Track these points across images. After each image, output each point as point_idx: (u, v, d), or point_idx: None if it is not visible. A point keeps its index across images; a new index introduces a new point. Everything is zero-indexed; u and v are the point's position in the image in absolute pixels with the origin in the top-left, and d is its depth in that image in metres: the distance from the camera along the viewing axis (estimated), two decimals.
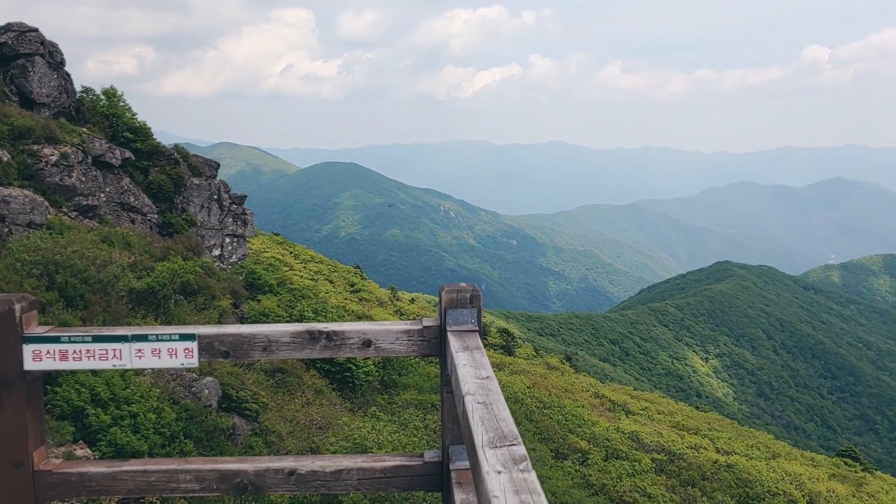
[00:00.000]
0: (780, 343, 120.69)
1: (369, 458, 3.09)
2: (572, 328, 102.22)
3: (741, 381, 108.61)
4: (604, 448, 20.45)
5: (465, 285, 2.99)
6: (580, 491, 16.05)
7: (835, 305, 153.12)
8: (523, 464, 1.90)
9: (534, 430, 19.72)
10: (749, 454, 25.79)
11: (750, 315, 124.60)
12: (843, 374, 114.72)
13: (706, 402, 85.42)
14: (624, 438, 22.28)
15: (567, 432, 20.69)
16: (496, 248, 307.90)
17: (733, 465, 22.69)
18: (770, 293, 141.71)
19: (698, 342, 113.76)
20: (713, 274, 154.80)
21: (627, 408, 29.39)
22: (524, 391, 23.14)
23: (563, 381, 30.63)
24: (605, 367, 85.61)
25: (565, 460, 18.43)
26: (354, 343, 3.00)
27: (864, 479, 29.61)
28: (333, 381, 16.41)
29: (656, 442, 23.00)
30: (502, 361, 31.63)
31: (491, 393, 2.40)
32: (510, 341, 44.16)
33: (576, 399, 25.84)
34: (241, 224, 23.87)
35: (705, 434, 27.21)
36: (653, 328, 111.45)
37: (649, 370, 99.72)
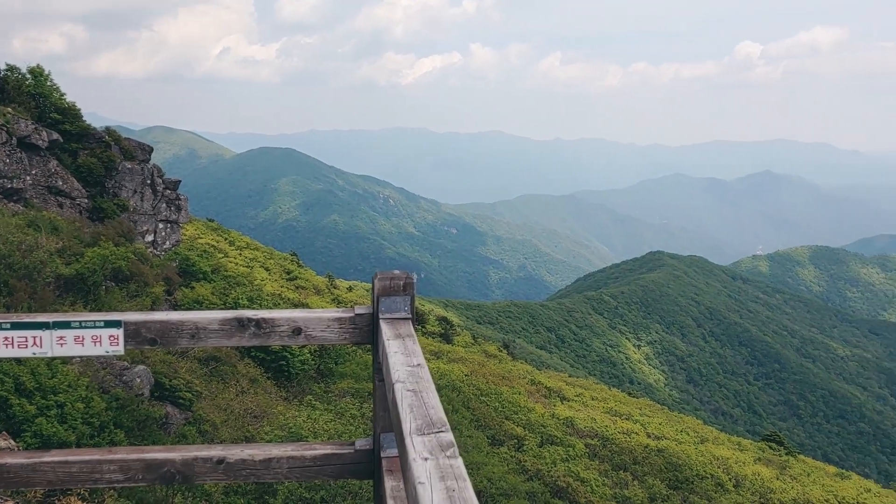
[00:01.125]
0: (709, 331, 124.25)
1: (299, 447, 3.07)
2: (510, 316, 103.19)
3: (672, 368, 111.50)
4: (539, 434, 20.74)
5: (399, 273, 2.98)
6: (516, 476, 16.24)
7: (761, 295, 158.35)
8: (450, 450, 1.93)
9: (471, 417, 19.86)
10: (679, 439, 26.52)
11: (681, 304, 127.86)
12: (769, 362, 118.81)
13: (638, 389, 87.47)
14: (559, 424, 22.64)
15: (503, 419, 20.91)
16: (436, 237, 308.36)
17: (664, 450, 23.30)
18: (700, 282, 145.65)
19: (631, 330, 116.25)
20: (646, 263, 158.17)
21: (563, 394, 29.85)
22: (462, 379, 23.27)
23: (501, 369, 30.93)
24: (542, 355, 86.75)
25: (501, 446, 18.62)
26: (284, 331, 2.96)
27: (787, 462, 30.77)
28: (269, 369, 16.23)
29: (590, 427, 23.46)
30: (441, 350, 31.75)
31: (421, 381, 2.41)
32: (449, 329, 44.34)
33: (512, 386, 26.12)
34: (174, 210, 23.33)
35: (637, 419, 27.86)
36: (588, 316, 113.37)
37: (584, 357, 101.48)
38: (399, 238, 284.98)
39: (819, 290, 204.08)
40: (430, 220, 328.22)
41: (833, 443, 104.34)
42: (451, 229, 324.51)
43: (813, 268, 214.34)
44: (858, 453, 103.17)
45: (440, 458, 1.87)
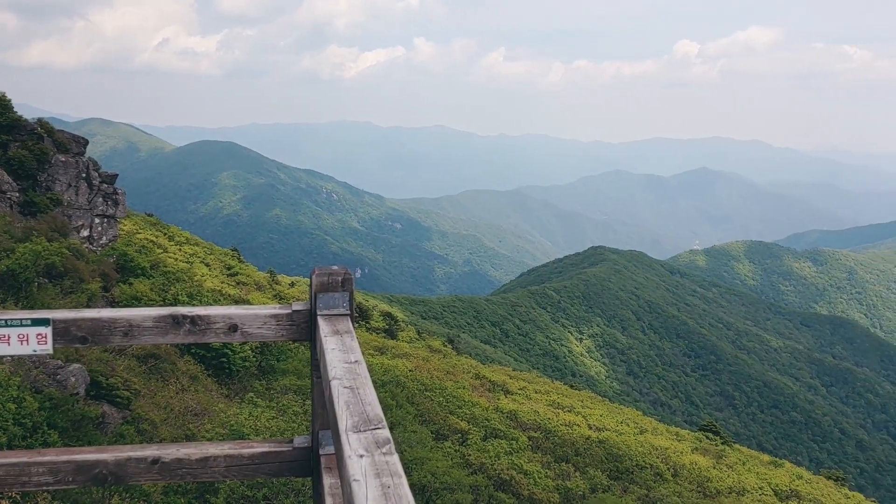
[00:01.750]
0: (648, 324, 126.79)
1: (237, 445, 3.02)
2: (455, 311, 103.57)
3: (612, 360, 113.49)
4: (483, 428, 20.87)
5: (338, 268, 2.96)
6: (460, 470, 16.32)
7: (698, 288, 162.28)
8: (386, 447, 1.93)
9: (415, 412, 19.87)
10: (619, 430, 26.99)
11: (621, 297, 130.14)
12: (705, 353, 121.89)
13: (580, 381, 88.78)
14: (502, 418, 22.82)
15: (448, 413, 20.98)
16: (380, 232, 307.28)
17: (604, 441, 23.70)
18: (640, 277, 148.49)
19: (573, 323, 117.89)
20: (588, 258, 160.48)
21: (506, 388, 30.09)
22: (406, 374, 23.27)
23: (445, 364, 31.01)
24: (487, 349, 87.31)
25: (446, 441, 18.68)
26: (220, 328, 2.91)
27: (723, 451, 31.63)
28: (209, 367, 15.97)
29: (533, 420, 23.70)
30: (385, 345, 31.68)
31: (358, 377, 2.40)
32: (393, 325, 44.28)
33: (457, 381, 26.21)
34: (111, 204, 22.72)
35: (579, 411, 28.26)
36: (532, 310, 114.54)
37: (528, 351, 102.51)
38: (343, 233, 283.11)
39: (753, 283, 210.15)
40: (374, 215, 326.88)
41: (767, 432, 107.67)
42: (395, 224, 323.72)
43: (748, 262, 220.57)
44: (791, 442, 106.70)
45: (376, 455, 1.87)
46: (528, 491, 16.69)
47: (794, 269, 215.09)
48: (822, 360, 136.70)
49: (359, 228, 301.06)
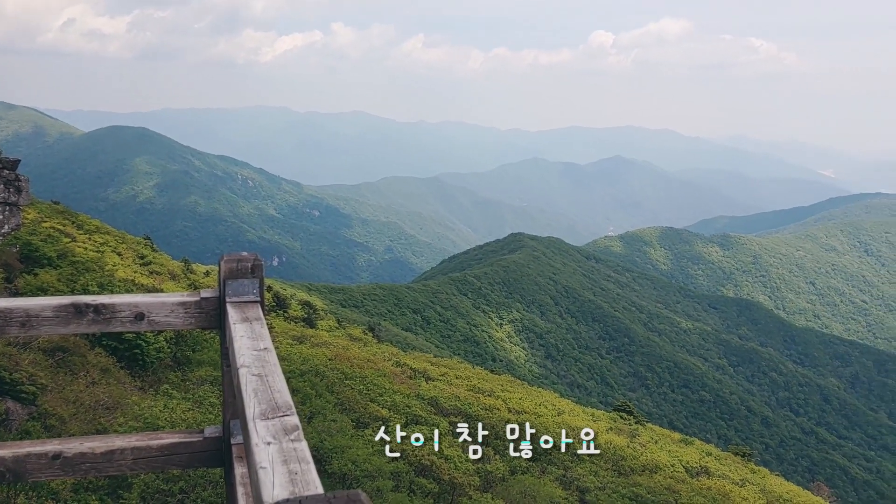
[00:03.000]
0: (565, 308, 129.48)
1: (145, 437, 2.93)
2: (375, 299, 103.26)
3: (532, 345, 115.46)
4: (404, 415, 20.92)
5: (247, 255, 2.89)
6: (380, 458, 16.33)
7: (613, 273, 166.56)
8: (295, 433, 1.92)
9: (335, 400, 19.75)
10: (538, 412, 27.51)
11: (540, 283, 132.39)
12: (620, 336, 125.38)
13: (501, 366, 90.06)
14: (423, 404, 22.93)
15: (368, 401, 20.92)
16: (298, 220, 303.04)
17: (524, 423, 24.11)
18: (557, 262, 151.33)
19: (494, 309, 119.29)
20: (508, 245, 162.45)
21: (427, 374, 30.23)
22: (326, 363, 23.08)
23: (366, 352, 30.90)
24: (408, 336, 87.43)
25: (366, 429, 18.64)
26: (126, 316, 2.81)
27: (637, 430, 32.65)
28: (122, 358, 15.47)
29: (454, 405, 23.90)
30: (304, 334, 31.33)
31: (267, 364, 2.37)
32: (312, 314, 43.83)
33: (378, 368, 26.16)
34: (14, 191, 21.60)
35: (499, 395, 28.65)
36: (453, 297, 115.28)
37: (449, 337, 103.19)
38: (260, 221, 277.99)
39: (665, 268, 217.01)
40: (291, 203, 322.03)
41: (678, 411, 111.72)
42: (313, 211, 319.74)
43: (661, 247, 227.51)
44: (700, 420, 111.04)
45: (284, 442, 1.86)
46: (448, 476, 16.85)
47: (703, 254, 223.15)
48: (729, 341, 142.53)
49: (276, 216, 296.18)
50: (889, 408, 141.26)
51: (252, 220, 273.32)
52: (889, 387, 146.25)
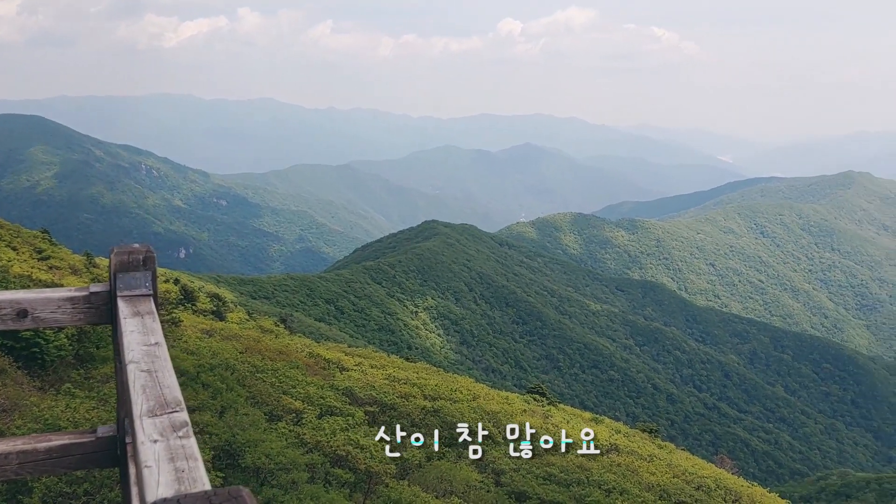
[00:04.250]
0: (479, 294, 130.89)
1: (32, 439, 2.77)
2: (287, 290, 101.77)
3: (447, 331, 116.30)
4: (318, 406, 20.72)
5: (139, 246, 2.76)
6: (295, 450, 16.14)
7: (525, 259, 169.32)
8: (183, 430, 1.89)
9: (247, 394, 19.38)
10: (453, 398, 27.72)
11: (454, 270, 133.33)
12: (532, 320, 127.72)
13: (416, 353, 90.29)
14: (338, 395, 22.76)
15: (281, 394, 20.63)
16: (206, 210, 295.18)
17: (439, 410, 24.28)
18: (471, 249, 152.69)
19: (409, 297, 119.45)
20: (421, 232, 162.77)
21: (342, 365, 30.02)
22: (236, 357, 22.60)
23: (278, 344, 30.42)
24: (321, 327, 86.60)
25: (280, 421, 18.39)
26: (7, 314, 2.64)
27: (549, 411, 33.39)
28: (19, 358, 14.72)
29: (369, 395, 23.83)
30: (213, 327, 30.60)
31: (158, 360, 2.33)
32: (221, 306, 42.86)
33: (290, 360, 25.81)
34: None
35: (415, 383, 28.71)
36: (367, 286, 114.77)
37: (363, 327, 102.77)
38: (165, 212, 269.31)
39: (576, 252, 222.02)
40: (199, 193, 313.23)
41: (588, 391, 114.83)
42: (221, 201, 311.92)
43: (572, 233, 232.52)
44: (610, 398, 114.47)
45: (171, 439, 1.83)
46: (364, 465, 16.80)
47: (611, 239, 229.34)
48: (635, 322, 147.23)
49: (183, 206, 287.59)
50: (785, 381, 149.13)
51: (158, 212, 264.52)
52: (785, 362, 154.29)
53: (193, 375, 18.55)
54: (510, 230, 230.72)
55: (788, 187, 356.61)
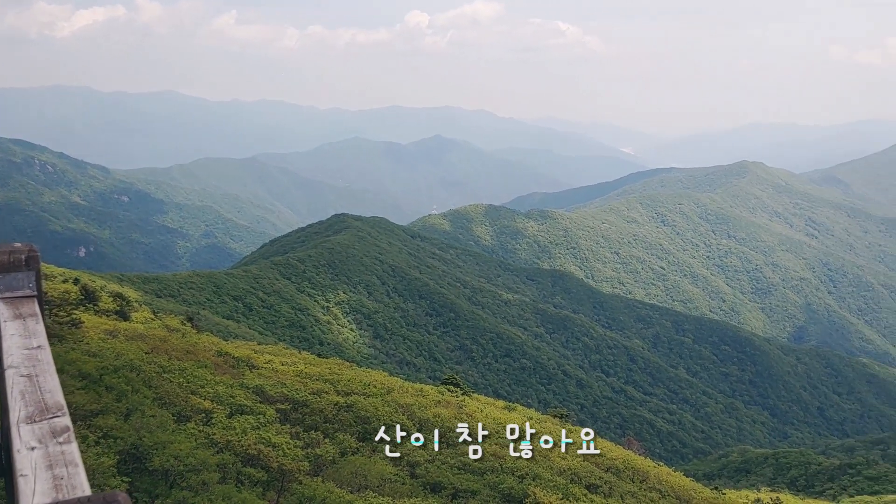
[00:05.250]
0: (392, 287, 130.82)
1: None
2: (193, 287, 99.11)
3: (360, 326, 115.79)
4: (228, 405, 20.39)
5: (21, 245, 2.64)
6: (205, 451, 15.85)
7: (437, 251, 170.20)
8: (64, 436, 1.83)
9: (154, 395, 18.87)
10: (367, 392, 27.71)
11: (366, 263, 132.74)
12: (446, 311, 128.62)
13: (328, 349, 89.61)
14: (248, 393, 22.42)
15: (189, 394, 20.18)
16: (106, 206, 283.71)
17: (352, 405, 24.23)
18: (383, 242, 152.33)
19: (320, 292, 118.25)
20: (332, 226, 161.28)
21: (251, 363, 29.56)
22: (142, 357, 21.95)
23: (185, 343, 29.67)
24: (230, 325, 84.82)
25: (188, 422, 18.01)
26: None
27: (463, 402, 33.76)
28: None
29: (280, 392, 23.55)
30: (117, 328, 29.58)
31: (39, 363, 2.26)
32: (125, 306, 41.40)
33: (198, 359, 25.24)
34: None
35: (327, 379, 28.55)
36: (276, 282, 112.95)
37: (273, 323, 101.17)
38: (63, 209, 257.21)
39: (488, 243, 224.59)
40: (98, 189, 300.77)
41: (502, 380, 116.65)
42: (122, 197, 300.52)
43: (485, 224, 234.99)
44: (522, 386, 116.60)
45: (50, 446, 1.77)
46: (276, 463, 16.64)
47: (521, 230, 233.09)
48: (545, 310, 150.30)
49: (82, 203, 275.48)
50: (686, 364, 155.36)
51: (55, 209, 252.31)
52: (686, 345, 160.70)
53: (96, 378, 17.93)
54: (423, 222, 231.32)
55: (687, 177, 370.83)
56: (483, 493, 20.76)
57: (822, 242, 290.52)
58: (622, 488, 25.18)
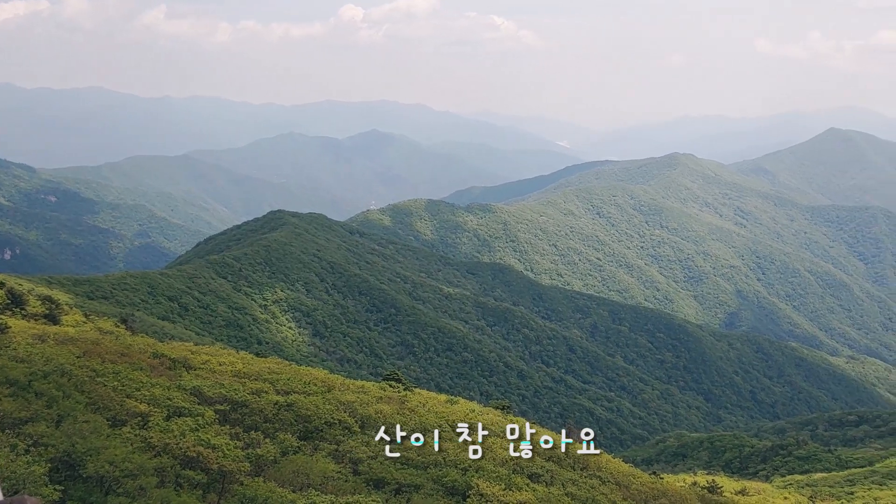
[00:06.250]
0: (331, 284, 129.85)
1: None
2: (127, 289, 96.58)
3: (299, 324, 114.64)
4: (165, 407, 20.01)
5: None
6: (142, 455, 15.56)
7: (377, 246, 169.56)
8: None
9: (86, 400, 18.40)
10: (307, 391, 27.50)
11: (304, 260, 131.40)
12: (386, 307, 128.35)
13: (267, 348, 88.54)
14: (186, 395, 22.03)
15: (124, 398, 19.74)
16: (33, 207, 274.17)
17: (293, 404, 24.04)
18: (321, 239, 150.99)
19: (257, 290, 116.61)
20: (268, 223, 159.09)
21: (189, 364, 29.03)
22: (73, 361, 21.36)
23: (119, 346, 28.94)
24: (165, 326, 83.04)
25: (124, 426, 17.63)
26: None
27: (405, 397, 33.81)
28: None
29: (219, 393, 23.20)
30: (46, 332, 28.67)
31: None
32: (55, 309, 40.15)
33: (133, 362, 24.67)
34: None
35: (266, 378, 28.22)
36: (212, 281, 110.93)
37: (210, 323, 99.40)
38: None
39: (429, 238, 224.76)
40: (24, 189, 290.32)
41: (443, 373, 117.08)
42: (49, 197, 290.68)
43: (425, 219, 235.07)
44: (464, 379, 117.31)
45: None
46: (217, 464, 16.44)
47: (462, 224, 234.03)
48: (486, 303, 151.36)
49: (6, 204, 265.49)
50: (623, 352, 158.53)
51: None
52: (622, 333, 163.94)
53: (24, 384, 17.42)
54: (363, 217, 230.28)
55: (621, 170, 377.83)
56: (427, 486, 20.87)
57: (751, 231, 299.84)
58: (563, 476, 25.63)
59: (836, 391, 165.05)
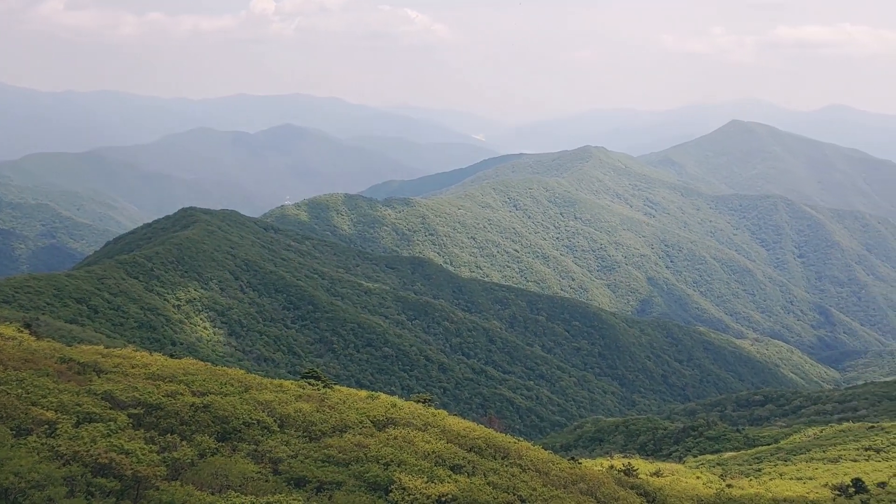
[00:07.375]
0: (246, 282, 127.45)
1: None
2: (30, 291, 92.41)
3: (214, 324, 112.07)
4: (75, 414, 19.34)
5: None
6: (49, 464, 15.02)
7: (293, 243, 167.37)
8: None
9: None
10: (224, 391, 26.95)
11: (217, 258, 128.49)
12: (304, 304, 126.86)
13: (181, 349, 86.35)
14: (97, 400, 21.31)
15: (30, 405, 18.97)
16: None
17: (209, 405, 23.52)
18: (234, 236, 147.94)
19: (169, 290, 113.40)
20: (179, 221, 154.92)
21: (99, 367, 28.04)
22: None
23: (22, 351, 27.71)
24: (73, 329, 79.95)
25: (30, 435, 16.97)
26: None
27: (325, 394, 33.52)
28: None
29: (132, 397, 22.51)
30: None
31: None
32: None
33: (39, 368, 23.70)
34: None
35: (181, 380, 27.52)
36: (122, 281, 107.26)
37: (121, 325, 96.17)
38: None
39: (347, 233, 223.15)
40: None
41: (364, 369, 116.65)
42: None
43: (344, 214, 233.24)
44: (385, 374, 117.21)
45: None
46: (131, 470, 15.99)
47: (380, 218, 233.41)
48: (406, 297, 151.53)
49: None
50: (541, 341, 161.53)
51: None
52: (540, 323, 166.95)
53: None
54: (279, 213, 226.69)
55: (536, 162, 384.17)
56: (348, 483, 20.79)
57: (660, 221, 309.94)
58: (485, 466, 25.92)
59: (743, 372, 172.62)
